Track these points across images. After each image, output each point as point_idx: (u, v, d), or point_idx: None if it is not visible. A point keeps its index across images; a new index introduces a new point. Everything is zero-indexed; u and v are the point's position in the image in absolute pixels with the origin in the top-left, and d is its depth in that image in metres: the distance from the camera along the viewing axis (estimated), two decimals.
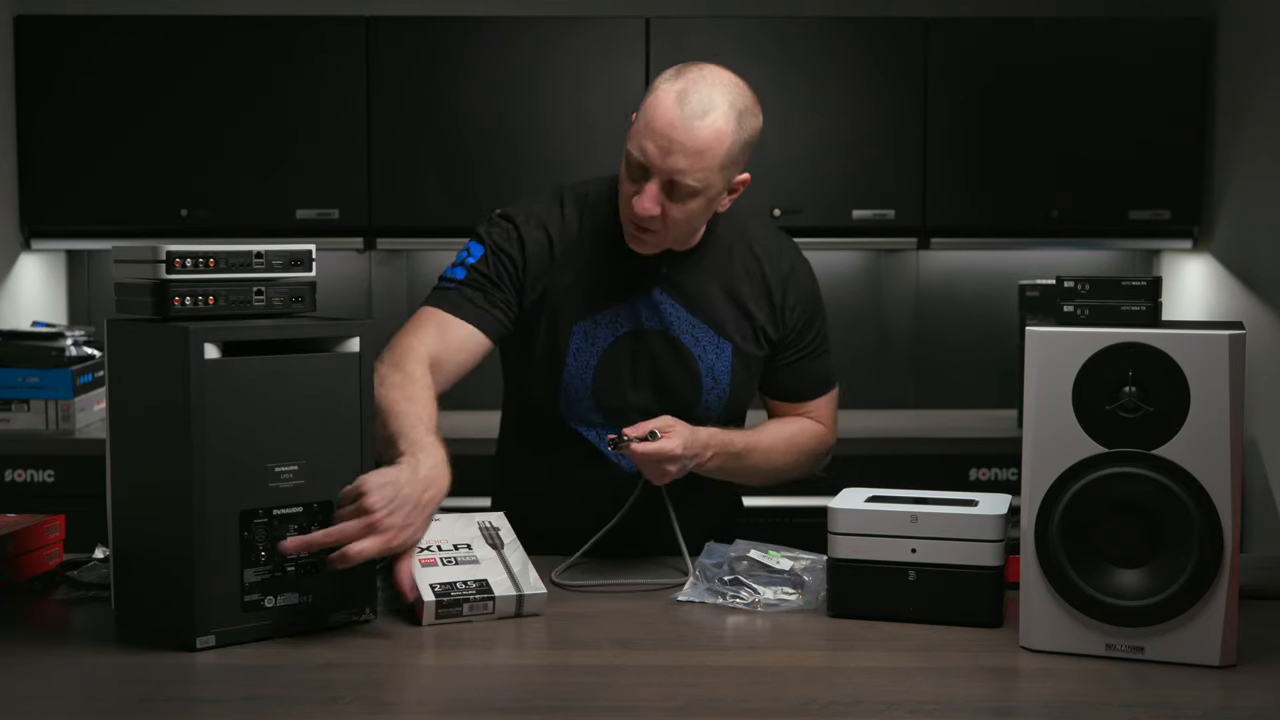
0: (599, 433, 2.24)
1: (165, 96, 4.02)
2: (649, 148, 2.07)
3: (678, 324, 2.24)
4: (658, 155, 2.06)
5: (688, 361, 2.25)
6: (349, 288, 4.34)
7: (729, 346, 2.26)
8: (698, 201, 2.11)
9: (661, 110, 2.07)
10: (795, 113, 4.03)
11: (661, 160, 2.06)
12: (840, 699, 1.62)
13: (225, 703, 1.62)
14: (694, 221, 2.16)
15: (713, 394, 2.26)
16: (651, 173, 2.08)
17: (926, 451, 3.83)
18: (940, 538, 1.87)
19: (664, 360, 2.24)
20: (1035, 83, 4.07)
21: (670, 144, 2.06)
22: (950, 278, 4.46)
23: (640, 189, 2.09)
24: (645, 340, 2.24)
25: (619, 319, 2.23)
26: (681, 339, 2.25)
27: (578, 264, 2.24)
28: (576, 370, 2.23)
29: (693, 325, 2.25)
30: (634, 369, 2.24)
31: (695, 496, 2.28)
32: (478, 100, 4.03)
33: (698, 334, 2.25)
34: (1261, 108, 3.81)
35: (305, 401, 1.83)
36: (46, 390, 3.75)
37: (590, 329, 2.23)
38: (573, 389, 2.23)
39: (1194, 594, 1.69)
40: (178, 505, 1.76)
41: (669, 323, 2.24)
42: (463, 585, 1.91)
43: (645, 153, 2.07)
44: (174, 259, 1.82)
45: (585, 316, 2.23)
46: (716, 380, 2.26)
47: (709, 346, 2.25)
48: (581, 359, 2.23)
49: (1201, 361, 1.69)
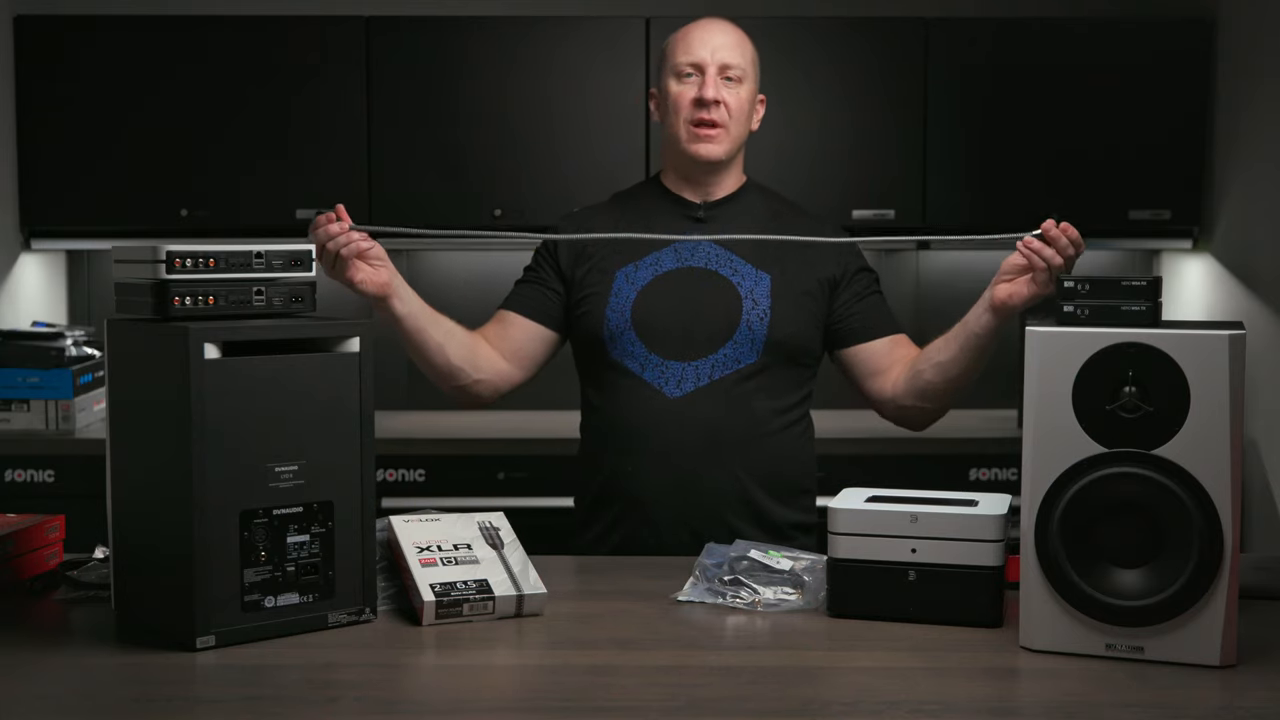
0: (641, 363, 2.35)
1: (165, 96, 4.01)
2: (696, 48, 2.37)
3: (716, 260, 2.38)
4: (706, 50, 2.37)
5: (725, 288, 2.36)
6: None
7: (768, 277, 2.38)
8: (745, 90, 2.39)
9: (692, 28, 2.40)
10: (795, 113, 4.03)
11: (710, 52, 2.37)
12: (840, 699, 1.62)
13: (225, 703, 1.62)
14: (746, 116, 2.41)
15: (753, 314, 2.35)
16: (705, 67, 2.36)
17: (926, 451, 3.83)
18: (940, 538, 1.87)
19: (702, 289, 2.35)
20: (1035, 83, 4.06)
21: (711, 37, 2.38)
22: (950, 278, 4.46)
23: (697, 84, 2.36)
24: (683, 275, 2.37)
25: (660, 261, 2.39)
26: (719, 271, 2.37)
27: (619, 224, 2.43)
28: (618, 305, 2.36)
29: (731, 260, 2.39)
30: (672, 299, 2.36)
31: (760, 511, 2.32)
32: (478, 100, 4.03)
33: (736, 266, 2.39)
34: (1261, 108, 3.81)
35: (305, 401, 1.83)
36: (46, 390, 3.75)
37: (631, 272, 2.39)
38: (615, 324, 2.35)
39: (1194, 594, 1.69)
40: (178, 505, 1.77)
41: (708, 259, 2.38)
42: (463, 585, 1.91)
43: (694, 53, 2.37)
44: (174, 259, 1.82)
45: (627, 263, 2.40)
46: (756, 302, 2.36)
47: (747, 276, 2.38)
48: (622, 295, 2.37)
49: (1201, 361, 1.69)
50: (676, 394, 2.32)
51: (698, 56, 2.36)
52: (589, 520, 2.39)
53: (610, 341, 2.36)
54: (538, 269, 2.47)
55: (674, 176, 2.46)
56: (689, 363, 2.33)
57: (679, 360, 2.33)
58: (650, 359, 2.34)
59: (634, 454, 2.33)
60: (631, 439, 2.34)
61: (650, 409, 2.33)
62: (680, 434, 2.31)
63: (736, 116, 2.38)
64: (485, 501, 3.46)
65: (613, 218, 2.45)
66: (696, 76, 2.36)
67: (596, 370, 2.41)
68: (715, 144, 2.37)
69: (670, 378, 2.33)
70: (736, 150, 2.42)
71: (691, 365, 2.33)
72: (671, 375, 2.33)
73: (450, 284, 4.20)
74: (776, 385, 2.37)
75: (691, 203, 2.43)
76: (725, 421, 2.32)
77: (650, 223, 2.41)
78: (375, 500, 1.91)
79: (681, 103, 2.37)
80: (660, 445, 2.31)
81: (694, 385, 2.33)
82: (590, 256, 2.41)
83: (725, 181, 2.44)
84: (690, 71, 2.37)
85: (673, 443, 2.31)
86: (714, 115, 2.35)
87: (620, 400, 2.36)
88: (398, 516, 2.03)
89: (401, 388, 4.27)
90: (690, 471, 2.31)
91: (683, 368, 2.33)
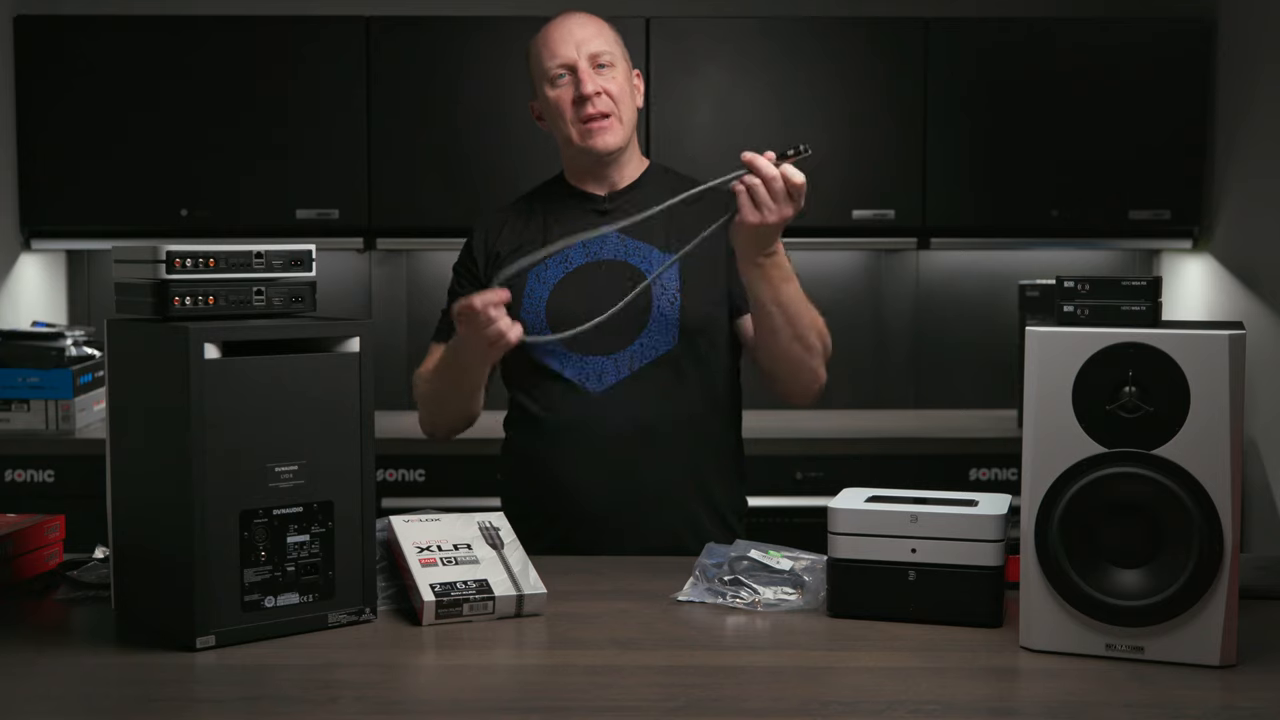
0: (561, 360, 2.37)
1: (165, 96, 4.02)
2: (560, 49, 2.38)
3: (624, 250, 2.39)
4: (569, 47, 2.37)
5: (634, 277, 2.36)
6: (349, 288, 4.34)
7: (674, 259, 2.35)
8: (620, 74, 2.40)
9: (550, 30, 2.41)
10: (795, 113, 4.03)
11: (575, 48, 2.37)
12: (840, 699, 1.62)
13: (225, 703, 1.62)
14: (629, 99, 2.41)
15: (663, 299, 2.36)
16: (575, 65, 2.36)
17: (926, 451, 3.83)
18: (940, 538, 1.87)
19: (611, 280, 2.34)
20: (1035, 83, 4.07)
21: (572, 34, 2.39)
22: (950, 278, 4.46)
23: (573, 83, 2.37)
24: (592, 269, 2.39)
25: (569, 257, 2.40)
26: (629, 260, 2.38)
27: (528, 227, 2.45)
28: (531, 306, 2.37)
29: (637, 248, 2.39)
30: (584, 293, 2.36)
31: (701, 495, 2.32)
32: (478, 100, 4.03)
33: (643, 253, 2.39)
34: (1261, 108, 3.81)
35: (305, 401, 1.83)
36: (46, 390, 3.75)
37: (541, 270, 2.39)
38: (531, 325, 2.34)
39: (1194, 594, 1.69)
40: (178, 505, 1.77)
41: (616, 250, 2.39)
42: (463, 585, 1.91)
43: (559, 54, 2.38)
44: (174, 259, 1.82)
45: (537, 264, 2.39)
46: (665, 287, 2.36)
47: (656, 262, 2.38)
48: (535, 296, 2.38)
49: (1201, 361, 1.69)
50: (599, 388, 2.34)
51: (565, 57, 2.37)
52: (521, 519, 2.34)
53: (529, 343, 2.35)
54: (461, 293, 2.42)
55: (576, 172, 2.48)
56: (608, 356, 2.35)
57: (598, 355, 2.35)
58: (569, 356, 2.36)
59: (563, 451, 2.34)
60: (559, 437, 2.35)
61: (575, 405, 2.35)
62: (606, 428, 2.32)
63: (621, 100, 2.39)
64: (485, 501, 3.45)
65: (520, 219, 2.47)
66: (570, 76, 2.37)
67: (520, 372, 2.42)
68: (610, 133, 2.38)
69: (591, 373, 2.35)
70: (631, 132, 2.43)
71: (611, 359, 2.35)
72: (592, 370, 2.35)
73: None
74: (699, 369, 2.37)
75: (596, 196, 2.45)
76: (649, 411, 2.33)
77: (556, 220, 2.43)
78: (375, 500, 1.91)
79: (564, 106, 2.38)
80: (588, 440, 2.33)
81: (615, 378, 2.34)
82: (503, 259, 2.41)
83: (626, 170, 2.45)
84: (562, 73, 2.38)
85: (599, 437, 2.32)
86: (600, 107, 2.36)
87: (545, 399, 2.38)
88: (398, 516, 2.03)
89: (401, 388, 4.27)
90: (620, 464, 2.33)
91: (602, 361, 2.35)
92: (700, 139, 3.98)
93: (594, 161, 2.42)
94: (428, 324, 3.47)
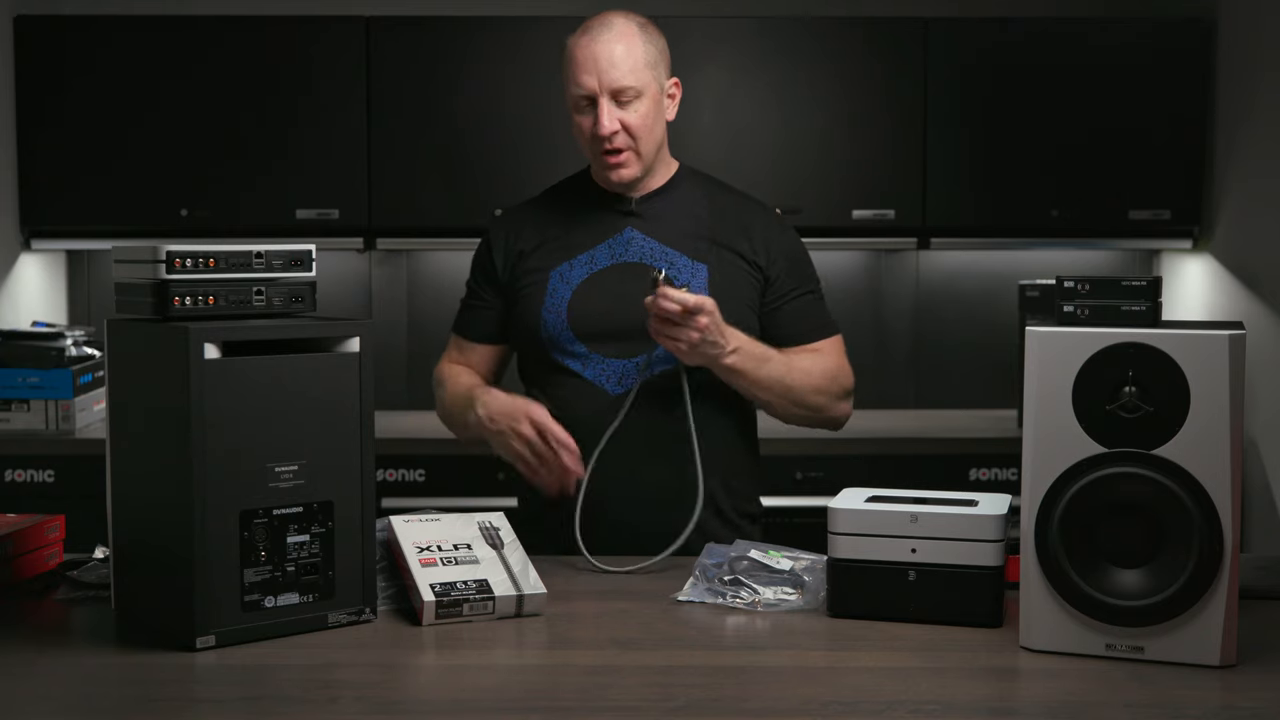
0: (581, 361, 2.36)
1: (165, 96, 4.02)
2: (582, 78, 2.32)
3: (650, 255, 2.38)
4: (592, 77, 2.31)
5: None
6: (349, 288, 4.34)
7: (704, 268, 2.37)
8: (645, 104, 2.34)
9: (577, 50, 2.34)
10: (795, 112, 4.03)
11: (597, 79, 2.31)
12: (840, 699, 1.62)
13: (225, 703, 1.62)
14: (652, 127, 2.36)
15: None
16: (596, 97, 2.32)
17: (926, 451, 3.83)
18: (940, 538, 1.87)
19: (637, 286, 2.31)
20: (1035, 82, 4.06)
21: (596, 62, 2.31)
22: (950, 278, 4.46)
23: (594, 116, 2.33)
24: (618, 272, 2.38)
25: (594, 259, 2.40)
26: (653, 264, 2.36)
27: (552, 225, 2.44)
28: (554, 306, 2.37)
29: (665, 253, 2.38)
30: (608, 296, 2.36)
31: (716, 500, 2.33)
32: (478, 100, 4.03)
33: (671, 259, 2.38)
34: (1261, 108, 3.81)
35: (305, 401, 1.83)
36: (46, 390, 3.75)
37: (566, 271, 2.40)
38: (552, 325, 2.36)
39: (1194, 594, 1.69)
40: (178, 505, 1.77)
41: (642, 254, 2.38)
42: (463, 585, 1.91)
43: (581, 84, 2.32)
44: (174, 259, 1.82)
45: (561, 263, 2.40)
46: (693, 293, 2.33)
47: (684, 269, 2.38)
48: (558, 295, 2.38)
49: (1201, 361, 1.69)
50: (618, 390, 2.34)
51: (587, 87, 2.32)
52: (537, 518, 2.37)
53: (550, 342, 2.37)
54: (477, 288, 2.49)
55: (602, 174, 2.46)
56: (629, 359, 2.34)
57: (618, 357, 2.35)
58: (591, 357, 2.36)
59: (582, 452, 2.34)
60: (577, 437, 2.34)
61: (593, 406, 2.34)
62: (622, 429, 2.31)
63: (640, 134, 2.34)
64: (485, 501, 3.45)
65: (543, 215, 2.47)
66: (591, 108, 2.34)
67: (539, 371, 2.42)
68: (626, 169, 2.37)
69: (611, 375, 2.35)
70: (653, 160, 2.40)
71: (632, 362, 2.34)
72: (612, 372, 2.35)
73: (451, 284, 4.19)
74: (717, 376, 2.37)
75: (622, 197, 2.43)
76: (666, 414, 2.33)
77: (580, 219, 2.43)
78: (375, 500, 1.91)
79: (584, 134, 2.37)
80: (606, 442, 2.32)
81: (633, 381, 2.34)
82: (525, 256, 2.42)
83: (654, 177, 2.44)
84: (585, 103, 2.34)
85: (614, 438, 2.31)
86: (616, 143, 2.34)
87: (562, 397, 2.37)
88: (398, 516, 2.03)
89: (401, 388, 4.28)
90: (636, 467, 2.32)
91: (623, 364, 2.35)
92: (700, 139, 3.98)
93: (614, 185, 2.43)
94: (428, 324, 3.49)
